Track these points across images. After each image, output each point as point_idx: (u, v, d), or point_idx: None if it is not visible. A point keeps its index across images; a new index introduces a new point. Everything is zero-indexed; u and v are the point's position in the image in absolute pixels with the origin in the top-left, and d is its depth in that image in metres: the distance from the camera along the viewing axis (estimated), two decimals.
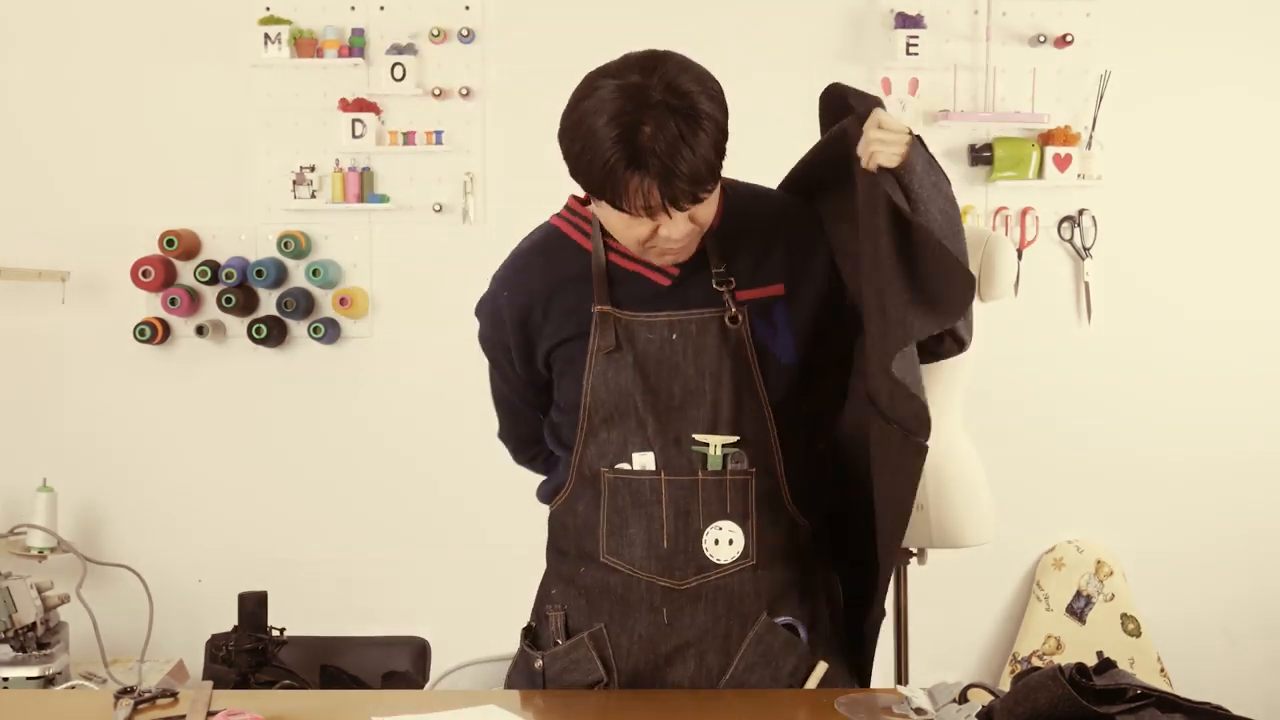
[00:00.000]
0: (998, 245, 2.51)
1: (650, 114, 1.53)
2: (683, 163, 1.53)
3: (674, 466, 1.71)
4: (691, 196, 1.57)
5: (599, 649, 1.76)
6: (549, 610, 1.82)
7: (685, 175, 1.54)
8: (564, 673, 1.78)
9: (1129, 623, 3.49)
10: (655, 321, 1.71)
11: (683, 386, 1.71)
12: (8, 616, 2.73)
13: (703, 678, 1.76)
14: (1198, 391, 3.51)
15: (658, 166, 1.53)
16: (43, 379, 3.44)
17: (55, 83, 3.40)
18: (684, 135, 1.53)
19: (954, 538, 2.54)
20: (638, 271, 1.74)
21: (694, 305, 1.71)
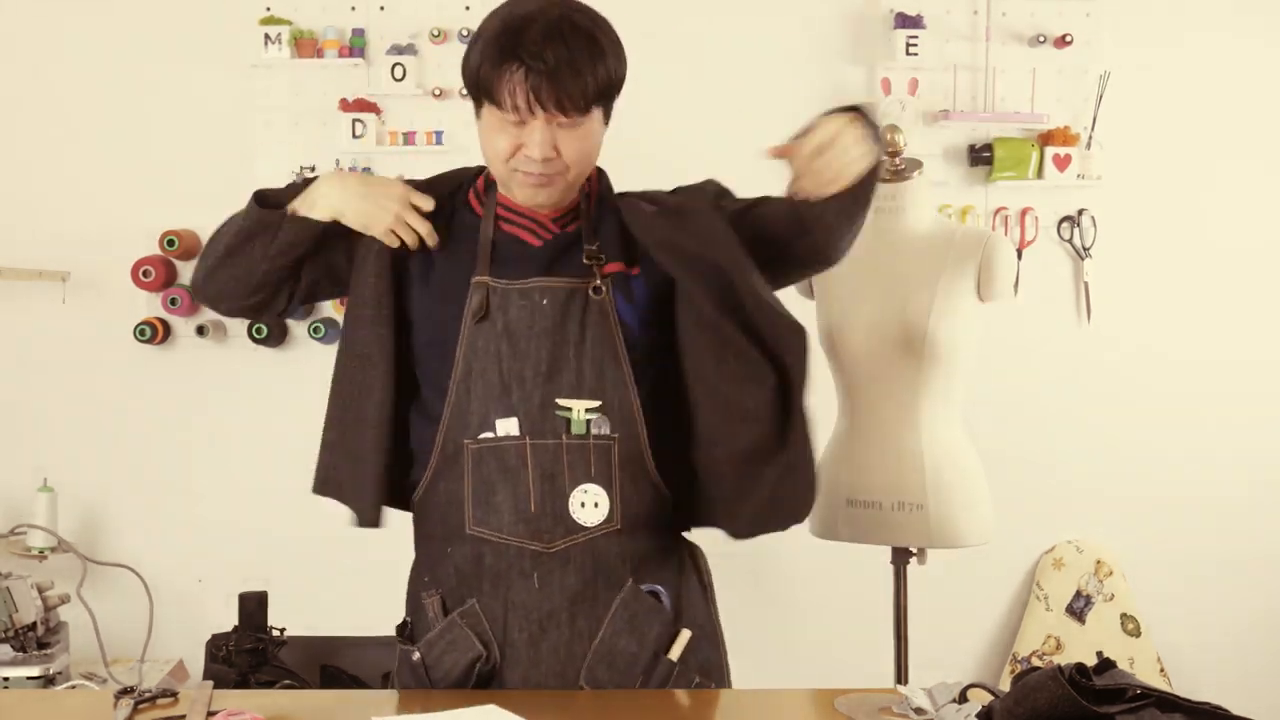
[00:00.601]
0: (997, 245, 2.51)
1: (539, 18, 1.64)
2: (554, 62, 1.62)
3: (539, 431, 1.74)
4: (556, 101, 1.64)
5: (473, 625, 1.78)
6: (424, 598, 1.85)
7: (554, 74, 1.63)
8: (443, 655, 1.80)
9: (1129, 623, 3.49)
10: (527, 289, 1.76)
11: (550, 353, 1.74)
12: (8, 616, 2.73)
13: (575, 640, 1.77)
14: (1198, 391, 3.51)
15: (533, 62, 1.62)
16: (43, 379, 3.44)
17: (55, 83, 3.40)
18: (567, 41, 1.64)
19: (954, 538, 2.54)
20: (514, 234, 1.80)
21: (564, 274, 1.77)
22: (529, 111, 1.65)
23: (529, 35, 1.63)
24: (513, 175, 1.73)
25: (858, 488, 2.56)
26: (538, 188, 1.73)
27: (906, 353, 2.49)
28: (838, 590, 3.42)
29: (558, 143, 1.68)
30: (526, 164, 1.70)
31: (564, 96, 1.64)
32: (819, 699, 1.72)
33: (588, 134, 1.71)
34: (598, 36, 1.67)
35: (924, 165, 2.59)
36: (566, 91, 1.64)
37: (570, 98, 1.64)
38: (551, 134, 1.67)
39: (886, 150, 2.54)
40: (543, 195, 1.75)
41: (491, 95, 1.67)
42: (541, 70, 1.62)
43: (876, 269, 2.56)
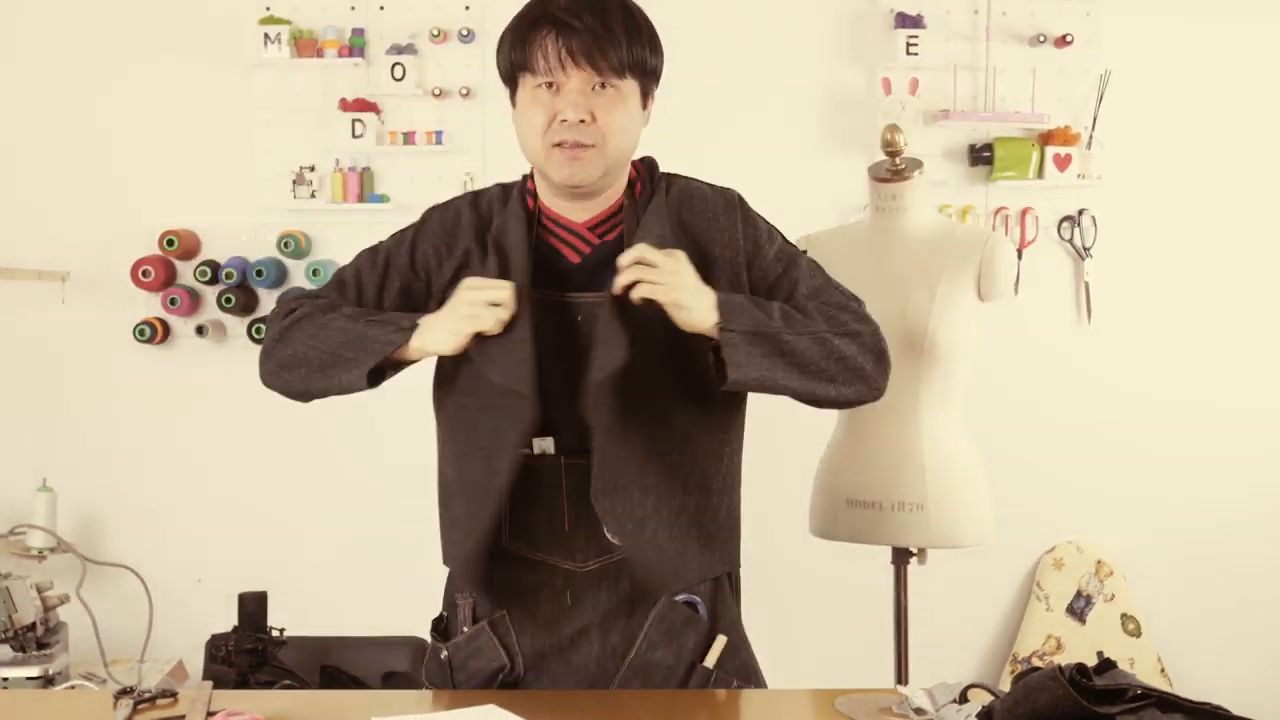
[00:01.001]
0: (998, 245, 2.51)
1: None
2: (586, 17, 1.62)
3: (575, 450, 1.70)
4: (588, 54, 1.62)
5: (500, 635, 1.77)
6: (458, 599, 1.83)
7: (584, 29, 1.62)
8: (469, 659, 1.79)
9: (1129, 623, 3.49)
10: (564, 303, 1.72)
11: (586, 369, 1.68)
12: (7, 616, 2.73)
13: (608, 656, 1.76)
14: (1198, 391, 3.51)
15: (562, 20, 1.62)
16: (43, 379, 3.44)
17: (55, 83, 3.40)
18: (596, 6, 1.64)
19: (954, 538, 2.54)
20: (555, 248, 1.76)
21: (599, 287, 1.70)
22: (560, 68, 1.63)
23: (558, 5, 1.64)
24: (550, 153, 1.68)
25: (858, 488, 2.56)
26: (574, 161, 1.67)
27: (906, 352, 2.49)
28: (838, 590, 3.42)
29: (593, 108, 1.65)
30: (562, 132, 1.65)
31: (596, 52, 1.62)
32: (819, 699, 1.72)
33: (623, 104, 1.67)
34: (632, 10, 1.68)
35: (924, 165, 2.59)
36: (599, 47, 1.62)
37: (604, 54, 1.63)
38: (587, 98, 1.65)
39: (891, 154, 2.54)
40: (580, 171, 1.68)
41: (525, 63, 1.65)
42: (571, 31, 1.62)
43: (876, 269, 2.56)
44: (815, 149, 3.44)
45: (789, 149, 3.43)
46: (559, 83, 1.65)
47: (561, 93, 1.65)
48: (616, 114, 1.67)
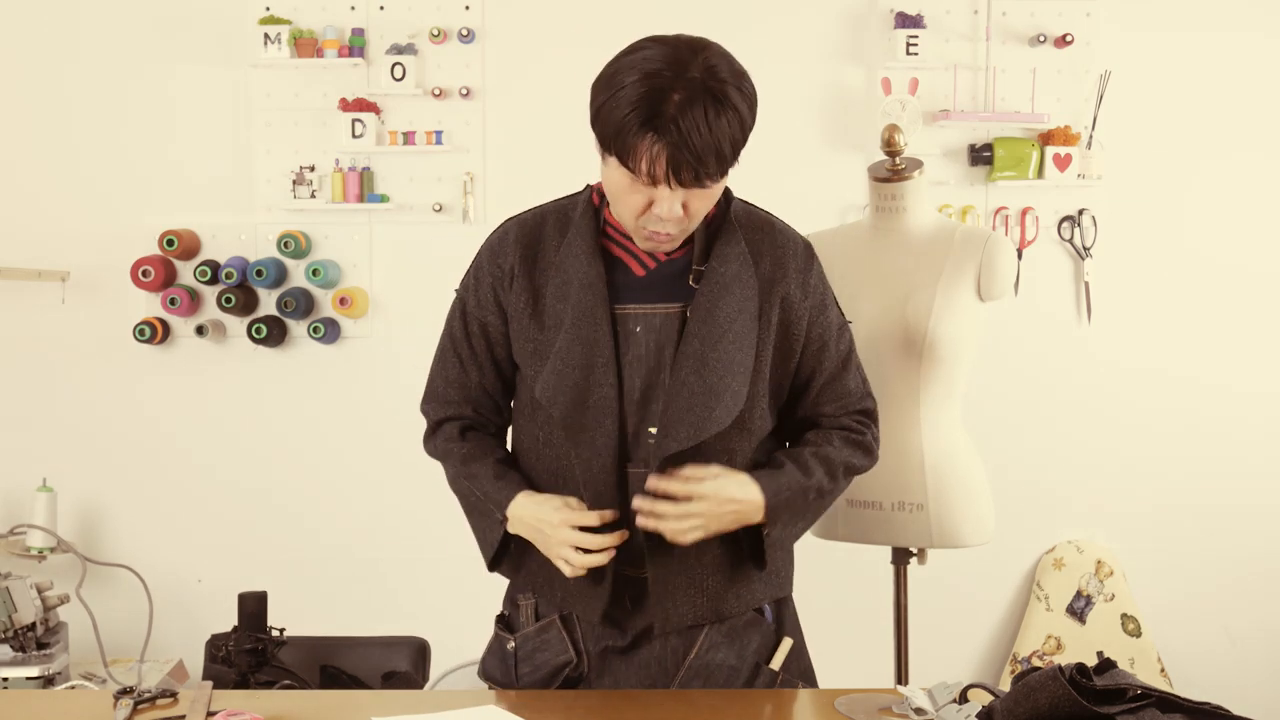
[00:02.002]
0: (998, 245, 2.51)
1: (682, 84, 1.57)
2: (697, 138, 1.56)
3: (633, 459, 1.72)
4: (695, 176, 1.59)
5: (569, 631, 1.80)
6: (520, 599, 1.85)
7: (696, 151, 1.57)
8: (535, 652, 1.81)
9: (1129, 623, 3.49)
10: (623, 314, 1.73)
11: (643, 380, 1.72)
12: (8, 616, 2.73)
13: (669, 656, 1.78)
14: (1198, 391, 3.51)
15: (673, 135, 1.56)
16: (43, 379, 3.43)
17: (55, 83, 3.40)
18: (707, 114, 1.57)
19: (954, 538, 2.53)
20: (620, 258, 1.77)
21: (660, 299, 1.74)
22: (665, 184, 1.60)
23: (671, 106, 1.55)
24: (639, 230, 1.68)
25: (858, 488, 2.56)
26: (659, 243, 1.70)
27: (907, 352, 2.49)
28: (838, 590, 3.42)
29: (688, 202, 1.64)
30: (655, 223, 1.65)
31: (701, 173, 1.59)
32: (819, 699, 1.72)
33: (717, 191, 1.67)
34: (736, 102, 1.61)
35: (924, 165, 2.58)
36: (705, 169, 1.59)
37: (708, 172, 1.60)
38: (682, 196, 1.63)
39: (891, 154, 2.54)
40: (667, 246, 1.72)
41: (626, 160, 1.60)
42: (682, 148, 1.56)
43: (877, 268, 2.56)
44: (815, 149, 3.43)
45: (789, 149, 3.43)
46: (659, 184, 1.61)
47: (658, 189, 1.62)
48: (709, 202, 1.68)
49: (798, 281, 1.78)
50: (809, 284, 1.80)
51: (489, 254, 1.82)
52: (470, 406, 1.86)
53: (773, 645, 1.82)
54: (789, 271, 1.78)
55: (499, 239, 1.82)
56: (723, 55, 1.65)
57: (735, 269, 1.74)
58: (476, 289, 1.82)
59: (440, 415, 1.89)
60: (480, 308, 1.81)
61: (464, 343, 1.84)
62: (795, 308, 1.78)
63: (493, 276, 1.80)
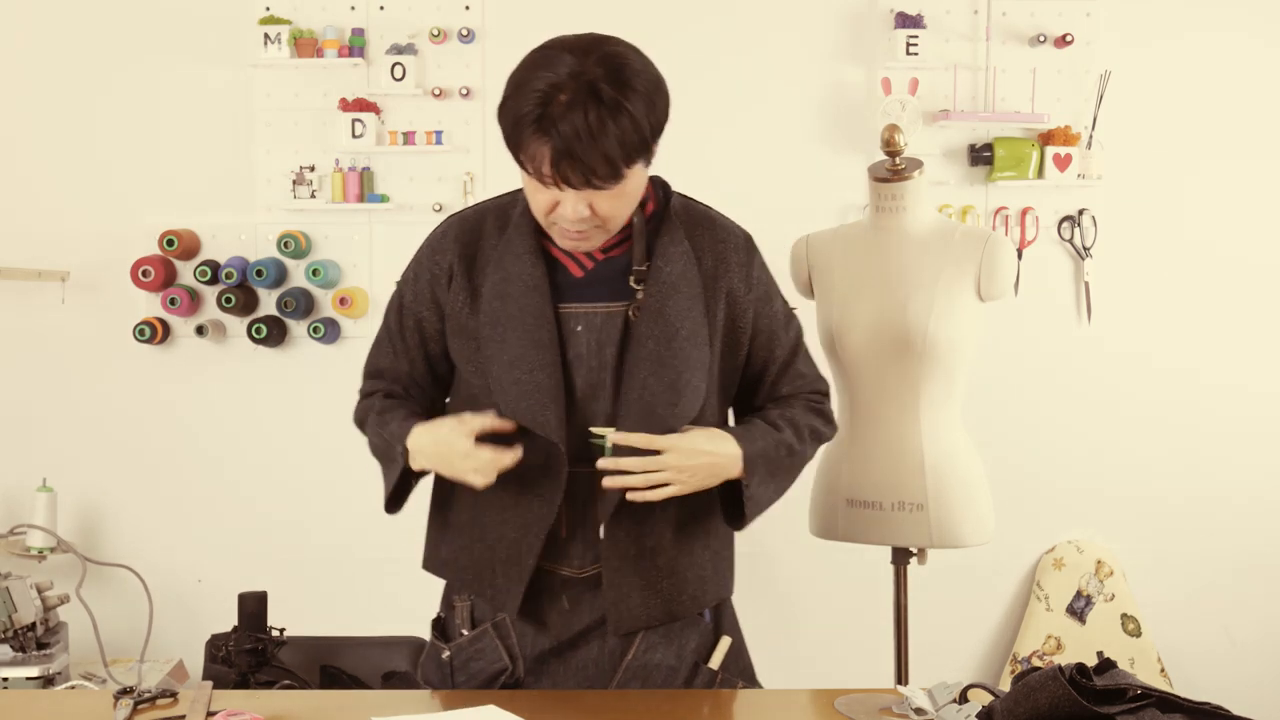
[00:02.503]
0: (998, 245, 2.51)
1: (572, 86, 1.55)
2: (579, 144, 1.55)
3: (573, 459, 1.72)
4: (583, 179, 1.58)
5: (503, 638, 1.79)
6: (456, 601, 1.85)
7: (578, 156, 1.55)
8: (470, 661, 1.80)
9: (1129, 623, 3.48)
10: (564, 313, 1.73)
11: (584, 379, 1.72)
12: (8, 616, 2.73)
13: (606, 658, 1.78)
14: (1198, 391, 3.51)
15: (555, 139, 1.55)
16: (43, 379, 3.43)
17: (55, 82, 3.40)
18: (588, 117, 1.54)
19: (954, 538, 2.54)
20: (558, 258, 1.76)
21: (601, 299, 1.73)
22: (555, 185, 1.59)
23: (555, 107, 1.54)
24: (552, 227, 1.69)
25: (858, 488, 2.56)
26: (577, 240, 1.69)
27: (906, 352, 2.49)
28: (838, 590, 3.42)
29: (593, 203, 1.62)
30: (564, 221, 1.64)
31: (591, 175, 1.57)
32: (819, 699, 1.72)
33: (624, 190, 1.64)
34: (628, 104, 1.56)
35: (924, 165, 2.59)
36: (593, 169, 1.57)
37: (597, 174, 1.58)
38: (585, 198, 1.61)
39: (891, 154, 2.54)
40: (583, 245, 1.71)
41: (522, 162, 1.61)
42: (564, 150, 1.54)
43: (876, 269, 2.56)
44: (815, 149, 3.43)
45: (789, 149, 3.43)
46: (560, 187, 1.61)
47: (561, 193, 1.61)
48: (617, 202, 1.65)
49: (740, 275, 1.79)
50: (751, 276, 1.80)
51: (428, 251, 1.83)
52: (401, 387, 1.88)
53: (711, 645, 1.82)
54: (731, 266, 1.78)
55: (439, 236, 1.83)
56: (628, 55, 1.61)
57: (680, 268, 1.74)
58: (415, 284, 1.83)
59: (370, 389, 1.91)
60: (417, 302, 1.82)
61: (399, 335, 1.86)
62: (739, 301, 1.78)
63: (430, 274, 1.80)
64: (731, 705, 1.73)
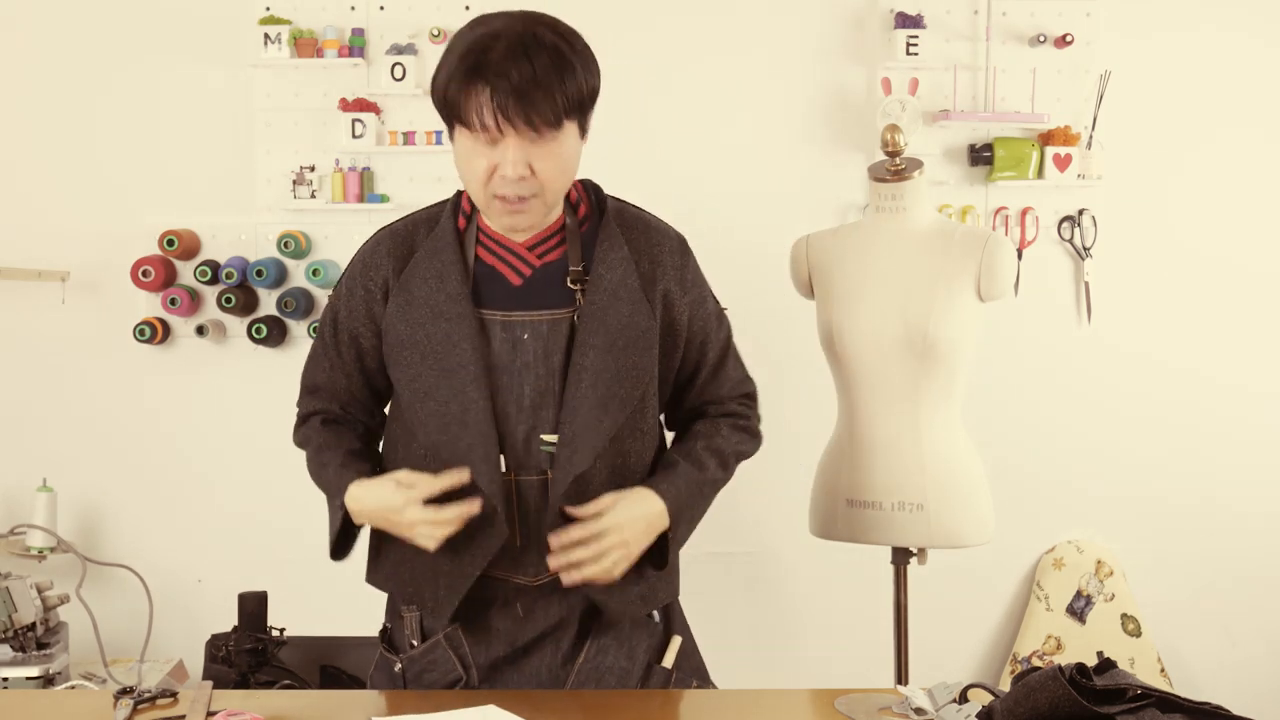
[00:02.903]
0: (998, 245, 2.51)
1: (505, 37, 1.61)
2: (518, 77, 1.58)
3: (524, 467, 1.72)
4: (525, 118, 1.60)
5: (455, 648, 1.78)
6: (403, 611, 1.83)
7: (520, 91, 1.58)
8: (423, 673, 1.80)
9: (1129, 623, 3.48)
10: (509, 321, 1.73)
11: (533, 387, 1.72)
12: (8, 616, 2.73)
13: (559, 663, 1.78)
14: (1198, 391, 3.51)
15: (496, 80, 1.58)
16: (43, 379, 3.43)
17: (55, 82, 3.40)
18: (530, 56, 1.59)
19: (954, 538, 2.54)
20: (495, 267, 1.76)
21: (546, 306, 1.73)
22: (498, 130, 1.60)
23: (494, 54, 1.59)
24: (491, 202, 1.68)
25: (858, 488, 2.56)
26: (515, 213, 1.69)
27: (906, 352, 2.49)
28: (838, 590, 3.42)
29: (532, 161, 1.63)
30: (503, 185, 1.65)
31: (533, 113, 1.59)
32: (819, 699, 1.72)
33: (562, 150, 1.66)
34: (564, 50, 1.62)
35: (924, 165, 2.59)
36: (535, 108, 1.59)
37: (540, 114, 1.60)
38: (525, 152, 1.63)
39: (891, 154, 2.54)
40: (521, 220, 1.71)
41: (461, 116, 1.63)
42: (508, 88, 1.58)
43: (876, 269, 2.56)
44: (815, 149, 3.43)
45: (789, 149, 3.43)
46: (498, 139, 1.62)
47: (499, 147, 1.63)
48: (556, 162, 1.67)
49: (675, 278, 1.80)
50: (686, 279, 1.81)
51: (361, 266, 1.81)
52: (339, 405, 1.87)
53: (662, 645, 1.83)
54: (666, 269, 1.79)
55: (370, 250, 1.82)
56: (554, 21, 1.67)
57: (620, 274, 1.75)
58: (349, 300, 1.81)
59: (308, 408, 1.90)
60: (351, 319, 1.81)
61: (334, 350, 1.84)
62: (675, 304, 1.79)
63: (365, 290, 1.79)
64: (731, 705, 1.73)
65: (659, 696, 1.74)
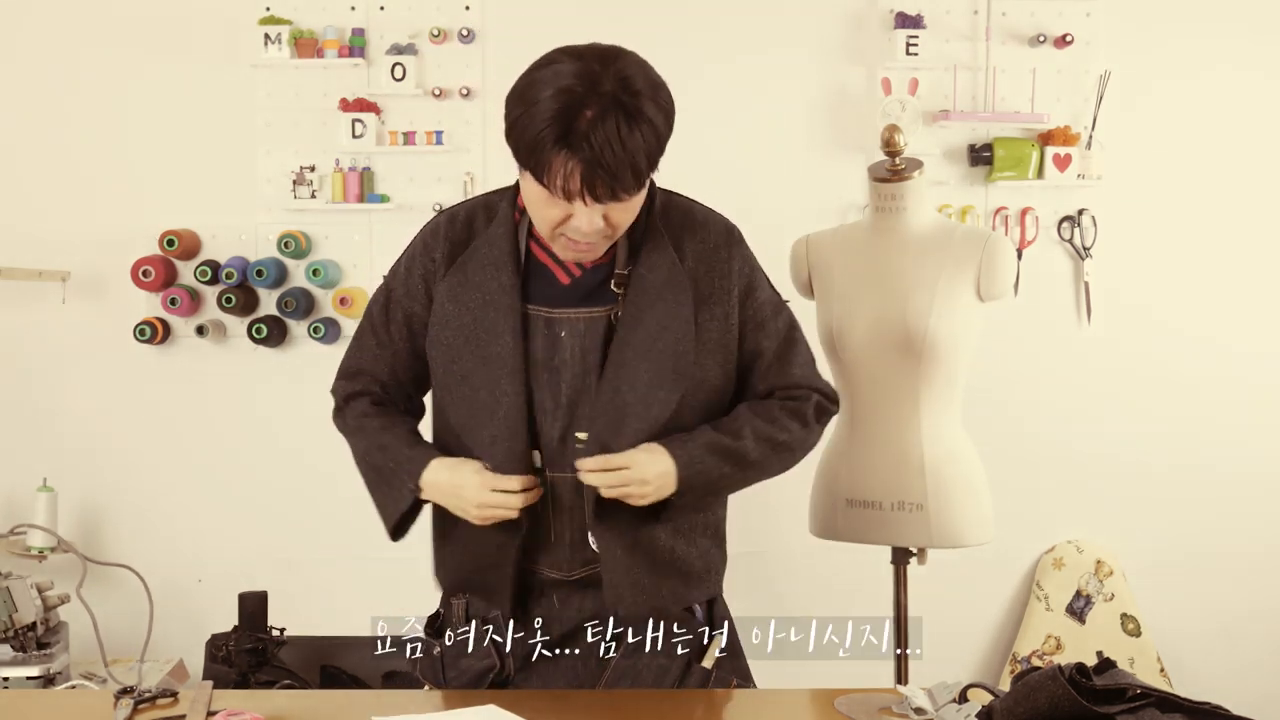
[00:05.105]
0: (998, 245, 2.51)
1: (595, 100, 1.55)
2: (610, 156, 1.55)
3: (558, 464, 1.73)
4: (610, 192, 1.59)
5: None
6: (454, 600, 1.86)
7: (610, 168, 1.56)
8: (459, 657, 1.81)
9: (1129, 623, 3.49)
10: (552, 318, 1.74)
11: (570, 385, 1.73)
12: (8, 616, 2.73)
13: (594, 658, 1.79)
14: (1197, 391, 3.51)
15: (586, 152, 1.55)
16: (43, 379, 3.43)
17: (55, 83, 3.40)
18: (620, 130, 1.55)
19: (954, 538, 2.54)
20: (546, 265, 1.77)
21: (585, 304, 1.74)
22: (577, 196, 1.59)
23: (582, 121, 1.54)
24: (557, 238, 1.68)
25: (858, 488, 2.56)
26: (582, 252, 1.70)
27: (906, 352, 2.49)
28: (838, 590, 3.42)
29: (608, 214, 1.63)
30: (575, 233, 1.64)
31: (619, 187, 1.58)
32: (819, 699, 1.72)
33: (637, 202, 1.66)
34: (650, 115, 1.58)
35: (924, 165, 2.59)
36: (620, 183, 1.58)
37: (624, 187, 1.59)
38: (602, 209, 1.62)
39: (891, 154, 2.54)
40: (587, 257, 1.72)
41: (540, 177, 1.59)
42: (595, 164, 1.55)
43: (876, 269, 2.56)
44: (815, 149, 3.43)
45: (789, 149, 3.43)
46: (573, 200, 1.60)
47: (575, 206, 1.61)
48: (630, 214, 1.67)
49: (722, 273, 1.78)
50: (734, 269, 1.79)
51: (422, 246, 1.84)
52: (380, 386, 1.88)
53: (704, 644, 1.82)
54: (712, 263, 1.78)
55: (431, 232, 1.84)
56: (638, 65, 1.62)
57: (664, 275, 1.74)
58: (407, 278, 1.83)
59: (351, 390, 1.90)
60: (409, 297, 1.83)
61: (384, 329, 1.86)
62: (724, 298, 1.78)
63: (424, 268, 1.81)
64: (731, 705, 1.73)
65: (659, 696, 1.74)
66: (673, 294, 1.73)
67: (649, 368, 1.71)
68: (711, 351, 1.76)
